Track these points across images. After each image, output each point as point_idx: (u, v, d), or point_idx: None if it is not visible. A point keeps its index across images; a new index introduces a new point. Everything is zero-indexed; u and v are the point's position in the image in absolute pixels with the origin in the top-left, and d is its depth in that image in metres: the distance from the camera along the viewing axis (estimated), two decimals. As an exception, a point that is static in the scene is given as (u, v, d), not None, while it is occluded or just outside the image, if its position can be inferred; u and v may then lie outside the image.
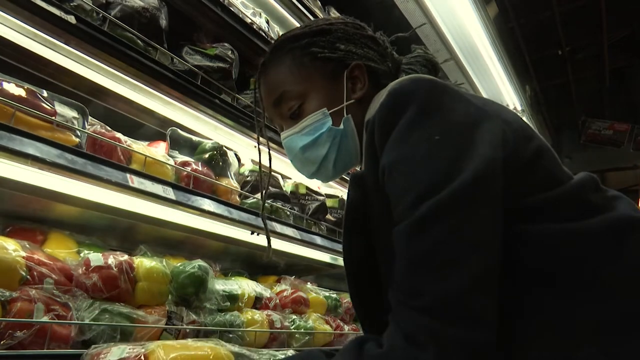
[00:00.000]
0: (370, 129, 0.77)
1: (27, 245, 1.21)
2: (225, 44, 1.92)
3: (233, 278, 1.94)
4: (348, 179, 2.65)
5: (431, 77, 0.81)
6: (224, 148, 1.89)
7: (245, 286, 1.79)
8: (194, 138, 1.87)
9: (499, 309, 0.63)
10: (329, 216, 2.48)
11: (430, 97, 0.73)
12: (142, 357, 0.90)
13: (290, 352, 1.68)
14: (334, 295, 2.37)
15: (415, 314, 0.61)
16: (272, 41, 2.18)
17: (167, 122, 1.87)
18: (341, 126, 0.92)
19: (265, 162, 1.19)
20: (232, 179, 1.86)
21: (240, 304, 1.69)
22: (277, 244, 2.15)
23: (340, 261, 2.63)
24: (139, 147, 1.52)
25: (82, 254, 1.38)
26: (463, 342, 0.59)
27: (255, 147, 2.10)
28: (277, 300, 1.94)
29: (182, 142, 1.82)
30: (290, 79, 0.94)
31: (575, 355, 0.62)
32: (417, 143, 0.69)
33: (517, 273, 0.67)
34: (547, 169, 0.76)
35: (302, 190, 2.35)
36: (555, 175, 0.76)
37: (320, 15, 2.68)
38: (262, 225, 1.80)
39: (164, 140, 1.77)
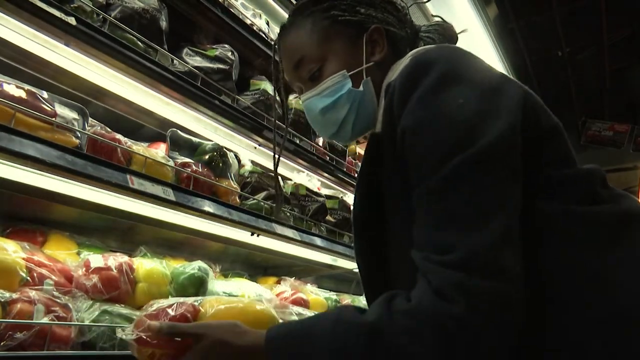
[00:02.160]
0: (390, 92, 0.77)
1: (27, 247, 1.22)
2: (226, 45, 1.92)
3: (233, 279, 1.94)
4: (347, 179, 2.62)
5: (456, 46, 0.82)
6: (224, 149, 1.90)
7: (245, 287, 1.79)
8: (194, 139, 1.87)
9: None
10: (329, 217, 2.47)
11: (454, 63, 0.74)
12: (192, 307, 0.91)
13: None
14: (334, 297, 2.36)
15: (444, 269, 0.62)
16: (272, 42, 2.19)
17: (167, 123, 1.87)
18: (361, 88, 0.92)
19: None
20: (232, 180, 1.86)
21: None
22: (277, 245, 2.15)
23: (340, 262, 2.63)
24: (139, 148, 1.52)
25: (82, 255, 1.38)
26: (494, 294, 0.60)
27: (255, 148, 2.11)
28: (277, 302, 1.93)
29: (182, 143, 1.82)
30: (310, 42, 0.95)
31: (576, 353, 0.63)
32: (440, 106, 0.70)
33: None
34: (563, 147, 0.77)
35: (302, 192, 2.35)
36: (569, 156, 0.77)
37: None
38: (262, 227, 1.81)
39: (164, 141, 1.77)
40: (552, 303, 0.66)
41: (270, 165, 2.39)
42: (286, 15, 2.44)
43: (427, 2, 1.14)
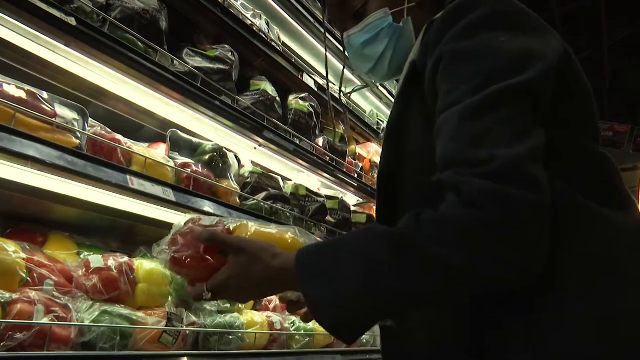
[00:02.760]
0: (432, 26, 0.79)
1: (27, 247, 1.22)
2: (226, 46, 1.92)
3: (233, 279, 1.93)
4: (347, 179, 2.60)
5: None
6: (224, 150, 1.90)
7: (245, 288, 1.79)
8: (194, 140, 1.87)
9: None
10: (329, 217, 2.47)
11: (502, 6, 0.75)
12: (226, 230, 0.89)
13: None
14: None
15: (477, 180, 0.62)
16: (272, 43, 2.19)
17: (167, 124, 1.87)
18: (401, 24, 0.95)
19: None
20: (232, 180, 1.87)
21: (240, 305, 1.69)
22: (277, 246, 2.15)
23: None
24: (139, 148, 1.52)
25: (82, 256, 1.38)
26: (528, 203, 0.60)
27: (255, 148, 2.11)
28: (277, 302, 1.93)
29: (182, 144, 1.82)
30: None
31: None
32: (483, 39, 0.71)
33: None
34: (594, 114, 0.77)
35: (302, 192, 2.35)
36: (596, 128, 0.77)
37: (320, 17, 2.69)
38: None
39: (164, 141, 1.77)
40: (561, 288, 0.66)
41: (270, 166, 2.39)
42: (286, 16, 2.46)
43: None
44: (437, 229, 0.63)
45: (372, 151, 3.32)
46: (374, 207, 3.43)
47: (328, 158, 2.50)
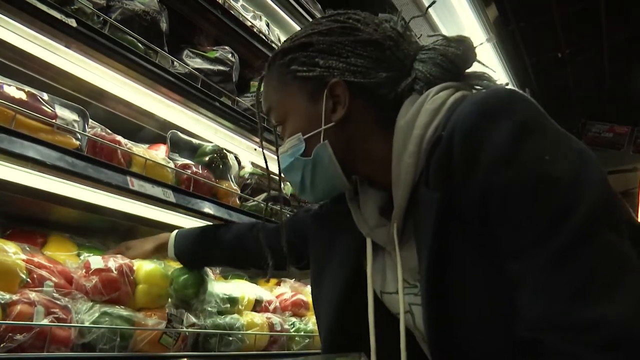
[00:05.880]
0: (445, 145, 0.69)
1: (27, 248, 1.21)
2: (226, 47, 1.92)
3: (233, 280, 1.93)
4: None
5: (510, 88, 0.75)
6: (224, 151, 1.90)
7: (245, 289, 1.79)
8: (194, 141, 1.87)
9: None
10: (329, 219, 2.47)
11: (527, 112, 0.68)
12: None
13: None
14: (334, 298, 2.35)
15: (600, 355, 0.54)
16: (272, 44, 2.19)
17: (167, 125, 1.87)
18: (311, 157, 0.85)
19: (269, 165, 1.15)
20: (232, 181, 1.87)
21: (240, 306, 1.69)
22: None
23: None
24: (139, 150, 1.52)
25: (82, 257, 1.38)
26: None
27: (255, 150, 2.11)
28: (277, 303, 1.93)
29: (182, 145, 1.82)
30: (275, 97, 0.92)
31: None
32: (529, 163, 0.64)
33: None
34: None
35: (302, 193, 2.35)
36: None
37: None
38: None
39: (164, 143, 1.77)
40: None
41: (271, 167, 2.39)
42: (286, 17, 2.46)
43: (425, 14, 1.06)
44: None
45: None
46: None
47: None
